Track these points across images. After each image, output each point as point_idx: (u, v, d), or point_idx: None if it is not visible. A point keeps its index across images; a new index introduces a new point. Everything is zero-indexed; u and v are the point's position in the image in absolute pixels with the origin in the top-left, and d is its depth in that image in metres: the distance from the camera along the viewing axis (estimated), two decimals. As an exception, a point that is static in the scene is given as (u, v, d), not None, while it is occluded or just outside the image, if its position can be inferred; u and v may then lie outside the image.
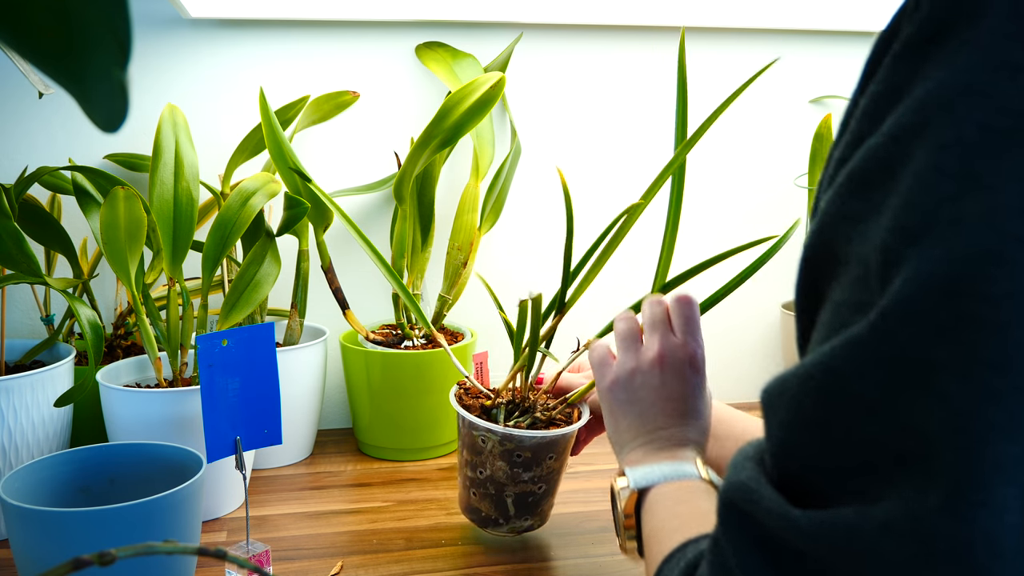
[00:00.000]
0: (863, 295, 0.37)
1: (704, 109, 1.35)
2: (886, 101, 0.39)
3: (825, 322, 0.40)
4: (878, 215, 0.37)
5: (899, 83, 0.39)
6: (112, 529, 0.73)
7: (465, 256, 1.22)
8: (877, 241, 0.37)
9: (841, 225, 0.39)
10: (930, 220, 0.35)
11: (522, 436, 0.87)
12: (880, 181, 0.38)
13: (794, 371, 0.39)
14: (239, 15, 1.20)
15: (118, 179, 1.05)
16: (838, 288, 0.39)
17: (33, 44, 0.25)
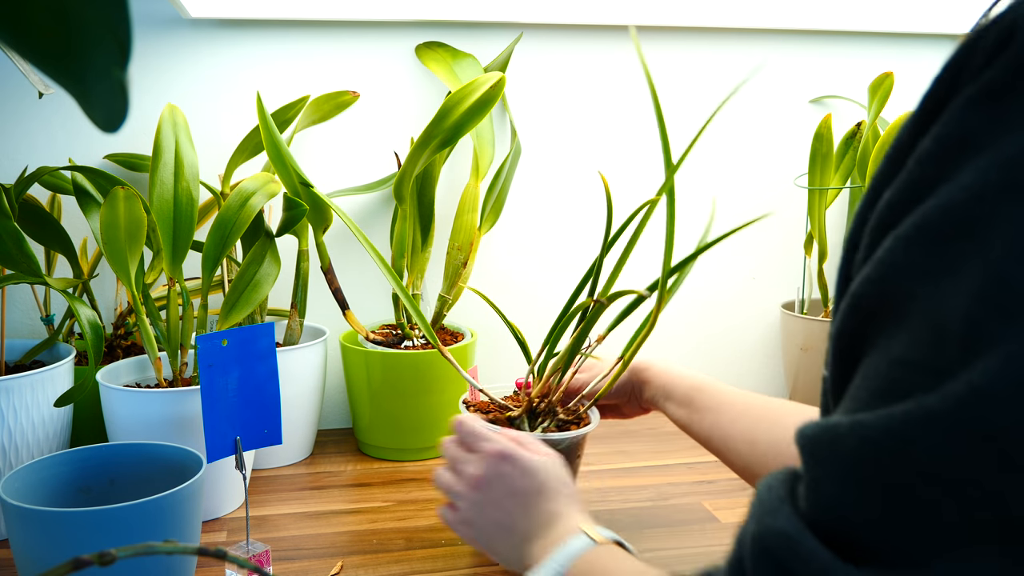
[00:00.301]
0: (936, 360, 0.35)
1: (704, 109, 1.36)
2: (958, 148, 0.36)
3: (879, 376, 0.38)
4: (954, 276, 0.35)
5: (976, 131, 0.36)
6: (112, 529, 0.73)
7: (465, 256, 1.22)
8: (958, 309, 0.34)
9: (903, 279, 0.37)
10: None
11: (560, 438, 0.87)
12: (959, 240, 0.35)
13: (849, 427, 0.37)
14: (239, 15, 1.20)
15: (118, 179, 1.05)
16: (895, 343, 0.37)
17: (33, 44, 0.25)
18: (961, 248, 0.35)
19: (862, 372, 0.39)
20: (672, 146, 1.39)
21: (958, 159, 0.36)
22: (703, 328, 1.41)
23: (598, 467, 1.16)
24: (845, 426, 0.37)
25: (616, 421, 1.32)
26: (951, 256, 0.35)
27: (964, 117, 0.36)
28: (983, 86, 0.36)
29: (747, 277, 1.42)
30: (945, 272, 0.35)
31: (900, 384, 0.36)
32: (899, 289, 0.37)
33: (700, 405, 0.88)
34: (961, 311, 0.34)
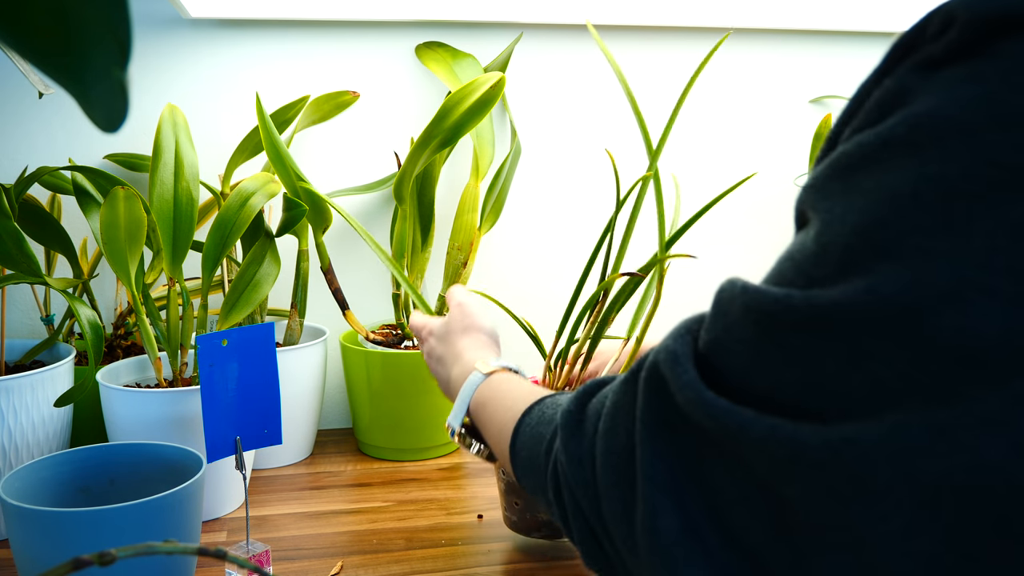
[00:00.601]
0: (812, 269, 0.42)
1: (704, 109, 1.36)
2: (892, 100, 0.42)
3: (780, 261, 0.45)
4: (846, 204, 0.41)
5: (908, 88, 0.41)
6: (112, 529, 0.73)
7: (465, 256, 1.22)
8: (840, 234, 0.40)
9: (817, 193, 0.43)
10: (900, 243, 0.38)
11: None
12: (858, 173, 0.41)
13: (742, 290, 0.45)
14: (239, 15, 1.20)
15: (118, 179, 1.05)
16: (797, 242, 0.45)
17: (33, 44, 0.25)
18: (859, 181, 0.41)
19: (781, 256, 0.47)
20: (682, 145, 1.39)
21: (891, 109, 0.42)
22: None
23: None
24: (739, 289, 0.45)
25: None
26: (850, 187, 0.41)
27: (904, 76, 0.42)
28: (923, 56, 0.41)
29: (747, 277, 1.42)
30: (842, 199, 0.41)
31: (783, 275, 0.44)
32: (811, 200, 0.44)
33: None
34: (844, 238, 0.40)
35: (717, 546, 0.45)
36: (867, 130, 0.42)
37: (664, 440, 0.47)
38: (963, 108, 0.38)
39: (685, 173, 1.36)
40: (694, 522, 0.45)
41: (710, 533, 0.45)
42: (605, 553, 0.54)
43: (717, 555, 0.44)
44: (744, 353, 0.44)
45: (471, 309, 0.86)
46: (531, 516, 0.92)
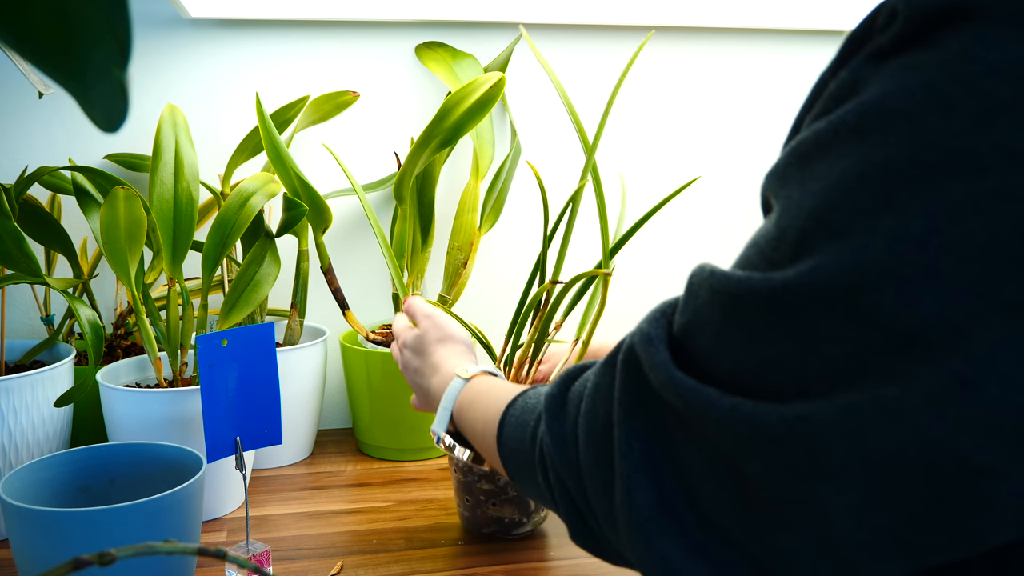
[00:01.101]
0: (773, 253, 0.44)
1: (704, 109, 1.36)
2: (846, 91, 0.44)
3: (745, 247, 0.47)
4: (802, 189, 0.43)
5: (859, 78, 0.43)
6: (112, 529, 0.73)
7: (465, 256, 1.22)
8: (796, 218, 0.43)
9: (777, 180, 0.46)
10: (846, 224, 0.40)
11: None
12: (813, 160, 0.43)
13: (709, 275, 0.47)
14: (239, 15, 1.20)
15: (118, 179, 1.05)
16: (760, 228, 0.47)
17: (33, 44, 0.25)
18: (813, 169, 0.43)
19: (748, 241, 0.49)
20: (679, 146, 1.39)
21: (844, 98, 0.44)
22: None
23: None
24: (707, 273, 0.47)
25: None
26: (806, 173, 0.43)
27: (855, 68, 0.44)
28: (873, 47, 0.43)
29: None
30: (798, 184, 0.44)
31: (749, 259, 0.46)
32: (773, 188, 0.46)
33: None
34: (800, 221, 0.42)
35: (692, 523, 0.47)
36: (822, 118, 0.44)
37: (639, 419, 0.50)
38: (906, 96, 0.40)
39: (685, 173, 1.36)
40: (668, 499, 0.48)
41: (684, 510, 0.47)
42: (591, 530, 0.56)
43: (691, 531, 0.47)
44: (711, 335, 0.46)
45: (441, 320, 0.88)
46: (481, 512, 0.95)
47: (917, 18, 0.41)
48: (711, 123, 1.37)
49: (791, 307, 0.42)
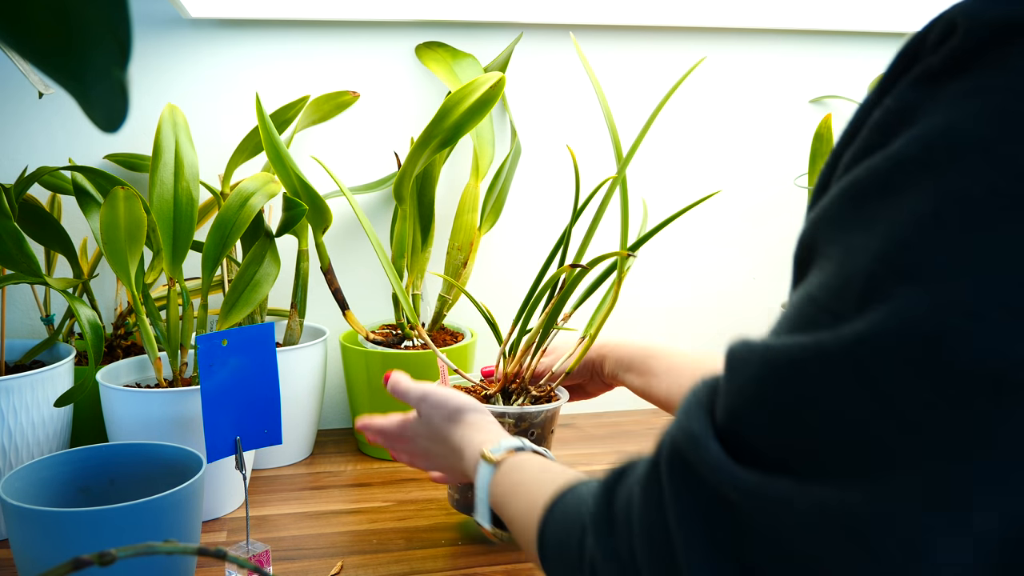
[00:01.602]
0: (838, 304, 0.39)
1: (705, 109, 1.36)
2: (898, 120, 0.40)
3: (796, 306, 0.43)
4: (866, 233, 0.39)
5: (913, 106, 0.40)
6: (112, 529, 0.73)
7: (465, 256, 1.22)
8: (862, 263, 0.39)
9: (830, 226, 0.42)
10: (922, 265, 0.37)
11: (536, 411, 0.92)
12: (875, 200, 0.39)
13: (763, 348, 0.42)
14: (239, 15, 1.20)
15: (118, 179, 1.05)
16: (814, 280, 0.42)
17: (33, 44, 0.25)
18: (875, 209, 0.39)
19: (789, 301, 0.44)
20: (683, 145, 1.39)
21: (896, 129, 0.40)
22: (703, 328, 1.41)
23: (598, 467, 1.16)
24: (756, 346, 0.42)
25: (615, 422, 1.33)
26: (867, 214, 0.40)
27: (906, 93, 0.40)
28: (925, 69, 0.40)
29: (747, 277, 1.42)
30: (860, 227, 0.40)
31: (807, 318, 0.41)
32: (825, 234, 0.42)
33: (657, 370, 0.92)
34: (865, 265, 0.38)
35: None
36: (876, 153, 0.40)
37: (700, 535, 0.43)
38: (976, 123, 0.37)
39: (684, 173, 1.36)
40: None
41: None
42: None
43: None
44: (769, 416, 0.41)
45: (438, 397, 0.84)
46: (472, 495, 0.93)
47: (978, 33, 0.38)
48: (710, 122, 1.37)
49: (867, 363, 0.37)
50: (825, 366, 0.38)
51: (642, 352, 0.94)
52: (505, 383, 0.96)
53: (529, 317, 0.95)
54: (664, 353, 0.93)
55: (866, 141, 0.42)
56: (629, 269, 0.96)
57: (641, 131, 0.89)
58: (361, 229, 1.30)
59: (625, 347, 0.96)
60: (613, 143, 0.92)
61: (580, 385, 1.01)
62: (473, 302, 0.99)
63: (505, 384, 0.96)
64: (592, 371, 0.99)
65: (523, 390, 0.95)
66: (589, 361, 0.98)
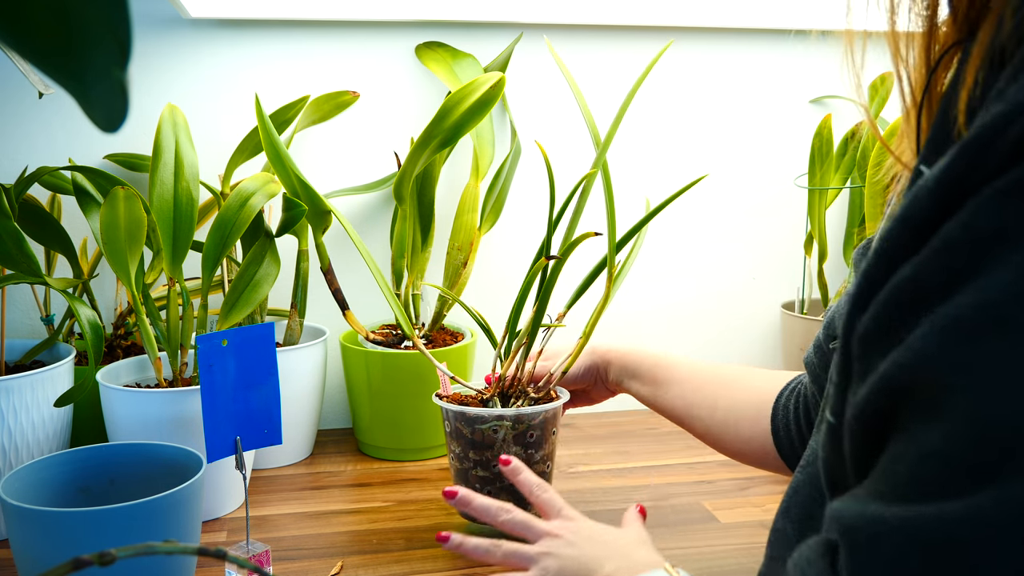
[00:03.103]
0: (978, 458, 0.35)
1: (704, 109, 1.36)
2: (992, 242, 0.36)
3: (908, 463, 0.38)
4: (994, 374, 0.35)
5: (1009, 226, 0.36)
6: (112, 529, 0.73)
7: (465, 256, 1.22)
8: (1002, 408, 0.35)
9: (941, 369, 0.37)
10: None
11: (533, 412, 0.92)
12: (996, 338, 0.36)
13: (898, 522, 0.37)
14: (239, 15, 1.20)
15: (118, 179, 1.05)
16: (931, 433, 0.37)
17: (33, 44, 0.25)
18: (998, 347, 0.35)
19: (890, 454, 0.39)
20: (683, 145, 1.39)
21: (992, 252, 0.36)
22: (703, 328, 1.41)
23: (598, 467, 1.16)
24: (890, 520, 0.37)
25: (615, 423, 1.33)
26: (989, 353, 0.35)
27: (996, 209, 0.36)
28: (1015, 180, 0.36)
29: (747, 277, 1.42)
30: (984, 369, 0.35)
31: (936, 478, 0.36)
32: (935, 380, 0.37)
33: (664, 379, 0.92)
34: (1007, 411, 0.34)
35: None
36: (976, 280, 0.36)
37: None
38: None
39: (684, 173, 1.36)
40: None
41: None
42: None
43: None
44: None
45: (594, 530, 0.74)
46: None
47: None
48: (710, 122, 1.37)
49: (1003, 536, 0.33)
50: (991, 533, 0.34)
51: (648, 360, 0.94)
52: (503, 386, 0.96)
53: (518, 318, 0.96)
54: (671, 363, 0.93)
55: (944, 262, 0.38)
56: (626, 267, 0.96)
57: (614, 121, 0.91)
58: (361, 229, 1.30)
59: (631, 354, 0.96)
60: (592, 135, 0.94)
61: (584, 391, 1.01)
62: (466, 309, 0.99)
63: (503, 388, 0.96)
64: (596, 377, 0.99)
65: (522, 393, 0.95)
66: (593, 367, 0.98)
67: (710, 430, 0.89)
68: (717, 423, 0.87)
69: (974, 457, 0.35)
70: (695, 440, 0.93)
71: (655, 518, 1.01)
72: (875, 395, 0.40)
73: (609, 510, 1.03)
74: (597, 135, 0.94)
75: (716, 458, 1.17)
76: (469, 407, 0.93)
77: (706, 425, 0.89)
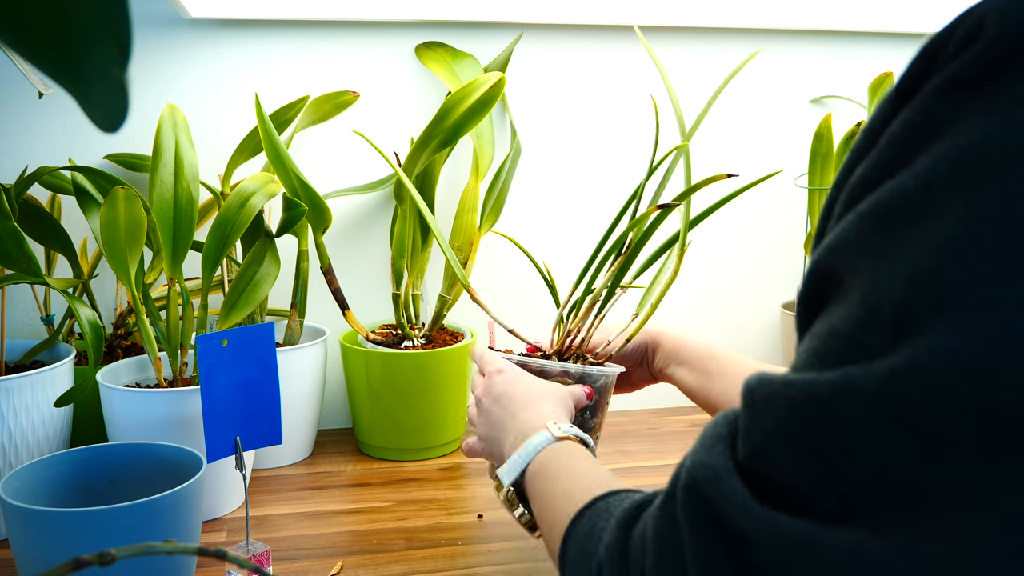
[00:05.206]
0: (866, 337, 0.36)
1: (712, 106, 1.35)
2: (923, 134, 0.37)
3: (819, 338, 0.40)
4: (892, 259, 0.36)
5: (938, 119, 0.37)
6: (112, 529, 0.73)
7: (465, 256, 1.22)
8: (891, 291, 0.36)
9: (852, 253, 0.38)
10: (961, 294, 0.34)
11: (599, 372, 0.87)
12: (903, 224, 0.36)
13: (784, 384, 0.39)
14: (239, 15, 1.20)
15: (118, 179, 1.05)
16: (836, 312, 0.39)
17: (33, 44, 0.25)
18: (904, 233, 0.36)
19: (808, 333, 0.41)
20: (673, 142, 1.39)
21: (920, 145, 0.37)
22: (704, 328, 1.41)
23: (605, 467, 1.16)
24: (779, 383, 0.39)
25: (615, 422, 1.33)
26: (894, 239, 0.36)
27: (929, 105, 0.37)
28: (949, 77, 0.37)
29: (747, 277, 1.42)
30: (886, 253, 0.37)
31: (832, 352, 0.38)
32: (847, 262, 0.39)
33: (713, 370, 0.89)
34: (895, 294, 0.36)
35: None
36: (899, 172, 0.37)
37: (718, 571, 0.41)
38: (1016, 136, 0.34)
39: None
40: None
41: None
42: None
43: None
44: (795, 456, 0.38)
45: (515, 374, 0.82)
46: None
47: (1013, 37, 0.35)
48: (710, 121, 1.37)
49: (905, 400, 0.34)
50: (857, 404, 0.35)
51: (700, 349, 0.91)
52: (560, 348, 0.91)
53: (596, 274, 0.91)
54: (722, 355, 0.90)
55: (884, 156, 0.39)
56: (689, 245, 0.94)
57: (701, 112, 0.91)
58: (361, 229, 1.30)
59: (684, 340, 0.93)
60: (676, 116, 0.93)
61: (625, 376, 0.97)
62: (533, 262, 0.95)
63: (560, 349, 0.91)
64: (643, 358, 0.95)
65: (579, 357, 0.90)
66: (643, 345, 0.95)
67: None
68: None
69: (860, 335, 0.37)
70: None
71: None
72: (808, 278, 0.42)
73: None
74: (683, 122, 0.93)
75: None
76: (532, 359, 0.88)
77: None
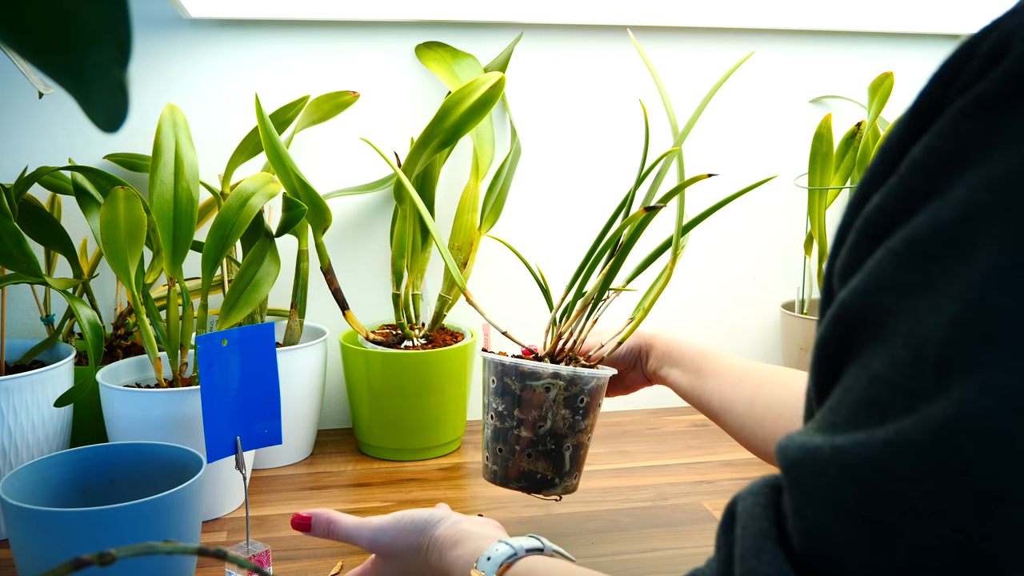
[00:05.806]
0: (912, 382, 0.34)
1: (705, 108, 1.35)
2: (949, 161, 0.35)
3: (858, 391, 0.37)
4: (936, 295, 0.34)
5: (968, 145, 0.35)
6: (112, 529, 0.73)
7: (465, 256, 1.22)
8: (937, 329, 0.33)
9: (889, 293, 0.36)
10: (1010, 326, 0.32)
11: (590, 375, 0.87)
12: (944, 258, 0.34)
13: (830, 451, 0.36)
14: (239, 15, 1.20)
15: (118, 179, 1.05)
16: (876, 358, 0.36)
17: (33, 44, 0.25)
18: (945, 267, 0.34)
19: (843, 384, 0.38)
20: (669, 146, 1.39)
21: (949, 172, 0.35)
22: (703, 328, 1.41)
23: (598, 467, 1.16)
24: (827, 451, 0.36)
25: (615, 422, 1.33)
26: (935, 275, 0.34)
27: (956, 129, 0.35)
28: (976, 98, 0.34)
29: (747, 277, 1.42)
30: (928, 291, 0.34)
31: (878, 404, 0.35)
32: (883, 304, 0.36)
33: (705, 371, 0.90)
34: (940, 333, 0.33)
35: None
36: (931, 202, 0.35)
37: None
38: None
39: (686, 172, 1.36)
40: None
41: None
42: None
43: None
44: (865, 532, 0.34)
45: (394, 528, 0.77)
46: (513, 464, 0.89)
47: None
48: (710, 121, 1.37)
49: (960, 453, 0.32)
50: (918, 462, 0.33)
51: (692, 350, 0.92)
52: (552, 351, 0.91)
53: (585, 279, 0.91)
54: (714, 355, 0.90)
55: (906, 184, 0.36)
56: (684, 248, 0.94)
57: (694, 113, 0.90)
58: (361, 229, 1.30)
59: (676, 342, 0.93)
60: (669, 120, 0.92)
61: (619, 378, 0.97)
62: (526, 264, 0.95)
63: (552, 352, 0.91)
64: (637, 360, 0.96)
65: (572, 359, 0.90)
66: (636, 348, 0.95)
67: (745, 427, 0.86)
68: (753, 420, 0.85)
69: (903, 379, 0.34)
70: (695, 440, 0.92)
71: (655, 518, 1.01)
72: (833, 323, 0.39)
73: (609, 510, 1.03)
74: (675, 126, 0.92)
75: (716, 458, 1.17)
76: (525, 361, 0.88)
77: (741, 422, 0.86)
